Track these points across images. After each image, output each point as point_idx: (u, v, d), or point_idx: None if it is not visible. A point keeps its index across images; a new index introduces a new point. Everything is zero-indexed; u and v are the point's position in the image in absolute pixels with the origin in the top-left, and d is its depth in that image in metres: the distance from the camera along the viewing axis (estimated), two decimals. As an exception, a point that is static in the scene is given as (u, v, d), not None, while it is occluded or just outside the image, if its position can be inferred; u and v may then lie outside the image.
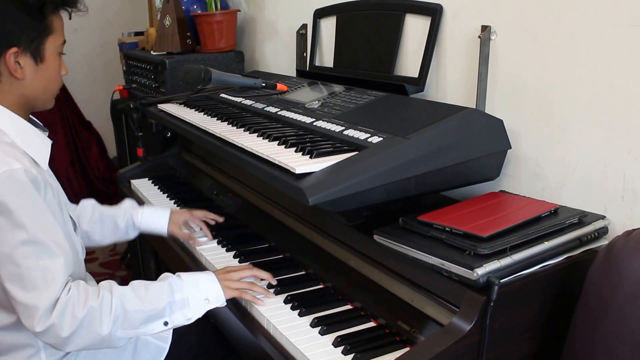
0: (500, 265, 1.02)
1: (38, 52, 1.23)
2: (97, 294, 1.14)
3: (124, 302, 1.15)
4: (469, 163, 1.27)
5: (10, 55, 1.20)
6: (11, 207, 1.10)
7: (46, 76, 1.27)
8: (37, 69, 1.24)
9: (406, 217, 1.20)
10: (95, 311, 1.12)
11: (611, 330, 1.00)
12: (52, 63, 1.27)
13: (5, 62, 1.20)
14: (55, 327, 1.09)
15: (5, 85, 1.23)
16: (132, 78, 2.75)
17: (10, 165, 1.12)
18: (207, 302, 1.24)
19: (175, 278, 1.24)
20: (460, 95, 1.52)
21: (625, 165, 1.17)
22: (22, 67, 1.22)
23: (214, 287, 1.26)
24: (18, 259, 1.10)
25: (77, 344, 1.13)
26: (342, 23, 1.84)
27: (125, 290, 1.18)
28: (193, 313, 1.23)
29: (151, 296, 1.19)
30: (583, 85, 1.23)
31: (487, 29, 1.40)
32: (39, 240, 1.11)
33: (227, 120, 1.61)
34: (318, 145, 1.27)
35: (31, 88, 1.25)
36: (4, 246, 1.11)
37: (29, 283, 1.10)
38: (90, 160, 3.63)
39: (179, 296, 1.21)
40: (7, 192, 1.10)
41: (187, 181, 2.20)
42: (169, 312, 1.20)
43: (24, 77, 1.23)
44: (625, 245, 1.01)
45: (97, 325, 1.12)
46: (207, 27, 2.45)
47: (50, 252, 1.12)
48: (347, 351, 1.09)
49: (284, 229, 1.58)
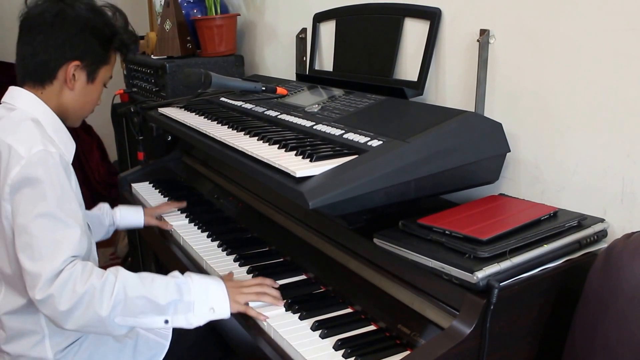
0: (500, 268, 1.02)
1: (92, 74, 1.39)
2: (102, 275, 1.16)
3: (126, 287, 1.16)
4: (468, 166, 1.27)
5: (72, 66, 1.35)
6: (41, 179, 1.18)
7: (88, 97, 1.41)
8: (85, 87, 1.39)
9: (406, 221, 1.20)
10: (96, 290, 1.13)
11: (611, 332, 1.00)
12: (97, 88, 1.42)
13: (65, 70, 1.34)
14: (54, 297, 1.11)
15: (55, 89, 1.36)
16: (133, 82, 2.76)
17: (48, 147, 1.22)
18: (212, 311, 1.24)
19: (185, 279, 1.25)
20: (459, 99, 1.52)
21: (624, 168, 1.18)
22: (76, 80, 1.36)
23: (222, 298, 1.25)
24: (33, 229, 1.15)
25: (75, 322, 1.13)
26: (341, 27, 1.85)
27: (131, 276, 1.19)
28: (196, 319, 1.23)
29: (156, 288, 1.19)
30: (582, 89, 1.24)
31: (486, 32, 1.40)
32: (57, 216, 1.17)
33: (227, 124, 1.61)
34: (318, 148, 1.28)
35: (73, 101, 1.39)
36: (23, 217, 1.17)
37: (37, 253, 1.14)
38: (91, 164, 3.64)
39: (186, 298, 1.21)
40: (40, 168, 1.19)
41: (188, 185, 2.20)
42: (173, 312, 1.20)
43: (73, 89, 1.37)
44: (625, 248, 1.01)
45: (97, 304, 1.13)
46: (207, 31, 2.46)
47: (66, 226, 1.18)
48: (347, 354, 1.09)
49: (284, 232, 1.58)
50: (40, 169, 1.19)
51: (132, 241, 2.93)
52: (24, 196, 1.18)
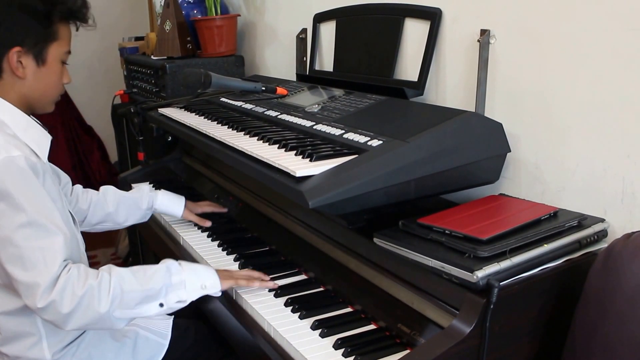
0: (500, 267, 1.02)
1: (40, 55, 1.28)
2: (97, 275, 1.19)
3: (121, 282, 1.20)
4: (468, 166, 1.27)
5: (13, 53, 1.25)
6: (11, 192, 1.15)
7: (46, 80, 1.31)
8: (38, 71, 1.29)
9: (406, 220, 1.20)
10: (94, 289, 1.16)
11: (611, 332, 1.00)
12: (53, 68, 1.31)
13: (8, 60, 1.26)
14: (55, 303, 1.13)
15: (7, 82, 1.28)
16: (133, 83, 2.76)
17: (10, 152, 1.17)
18: (204, 288, 1.29)
19: (174, 262, 1.29)
20: (460, 98, 1.52)
21: (624, 168, 1.18)
22: (24, 67, 1.27)
23: (212, 276, 1.31)
24: (18, 241, 1.14)
25: (77, 322, 1.16)
26: (341, 27, 1.85)
27: (124, 272, 1.23)
28: (188, 295, 1.27)
29: (148, 277, 1.23)
30: (582, 89, 1.24)
31: (487, 32, 1.40)
32: (38, 222, 1.16)
33: (227, 124, 1.62)
34: (318, 148, 1.28)
35: (31, 89, 1.30)
36: (4, 230, 1.15)
37: (29, 263, 1.14)
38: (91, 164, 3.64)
39: (176, 279, 1.25)
40: (7, 178, 1.15)
41: (188, 185, 2.20)
42: (164, 294, 1.24)
43: (24, 77, 1.28)
44: (625, 248, 1.01)
45: (96, 303, 1.16)
46: (207, 31, 2.46)
47: (49, 232, 1.16)
48: (347, 353, 1.10)
49: (284, 232, 1.58)
50: (7, 179, 1.15)
51: (133, 241, 2.93)
52: None
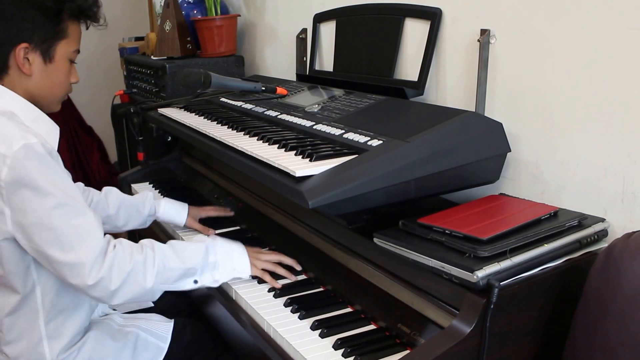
0: (500, 267, 1.02)
1: (48, 53, 1.28)
2: (141, 250, 1.26)
3: (164, 259, 1.26)
4: (468, 166, 1.27)
5: (21, 49, 1.25)
6: (35, 178, 1.16)
7: (53, 78, 1.31)
8: (45, 68, 1.29)
9: (406, 220, 1.20)
10: (140, 265, 1.23)
11: (611, 332, 1.00)
12: (60, 66, 1.32)
13: (15, 56, 1.26)
14: (104, 280, 1.18)
15: (14, 78, 1.28)
16: (133, 83, 2.76)
17: (27, 139, 1.17)
18: (234, 270, 1.37)
19: (211, 241, 1.37)
20: (460, 98, 1.52)
21: (624, 168, 1.18)
22: (31, 63, 1.27)
23: (244, 260, 1.38)
24: (53, 223, 1.16)
25: (124, 296, 1.22)
26: (341, 27, 1.85)
27: (165, 248, 1.30)
28: (220, 276, 1.35)
29: (189, 255, 1.30)
30: (582, 89, 1.24)
31: (487, 32, 1.40)
32: (67, 203, 1.18)
33: (227, 124, 1.61)
34: (318, 148, 1.28)
35: (37, 86, 1.30)
36: (34, 216, 1.16)
37: (67, 243, 1.16)
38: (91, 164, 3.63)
39: (212, 259, 1.33)
40: (29, 164, 1.16)
41: (188, 185, 2.20)
42: (200, 272, 1.32)
43: (30, 73, 1.28)
44: (625, 248, 1.01)
45: (141, 279, 1.22)
46: (207, 31, 2.46)
47: (80, 211, 1.19)
48: (347, 354, 1.09)
49: (284, 232, 1.58)
50: (29, 166, 1.15)
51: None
52: (25, 197, 1.15)
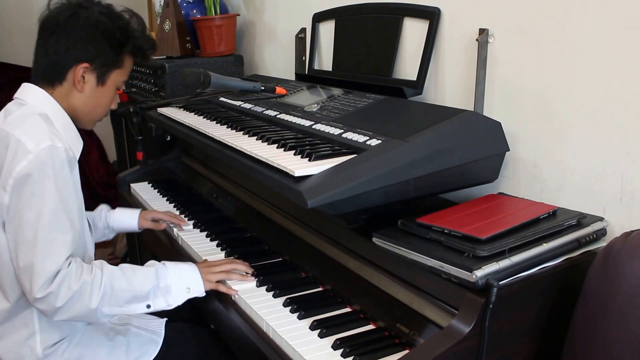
0: (499, 267, 1.02)
1: (102, 77, 1.40)
2: (91, 270, 1.25)
3: (112, 281, 1.27)
4: (467, 165, 1.27)
5: (81, 68, 1.36)
6: (46, 177, 1.21)
7: (99, 99, 1.42)
8: (95, 90, 1.40)
9: (405, 220, 1.20)
10: (87, 285, 1.23)
11: (610, 331, 1.00)
12: (108, 91, 1.43)
13: (74, 71, 1.36)
14: (52, 295, 1.20)
15: (65, 90, 1.38)
16: (132, 82, 2.76)
17: (55, 142, 1.25)
18: (188, 291, 1.36)
19: (161, 266, 1.36)
20: (459, 98, 1.52)
21: (623, 167, 1.18)
22: (85, 82, 1.38)
23: (195, 278, 1.37)
24: (37, 225, 1.20)
25: (66, 314, 1.23)
26: (340, 27, 1.85)
27: (115, 270, 1.30)
28: (174, 300, 1.35)
29: (138, 279, 1.31)
30: (581, 88, 1.24)
31: (485, 32, 1.40)
32: (59, 214, 1.22)
33: (226, 123, 1.61)
34: (317, 148, 1.27)
35: (82, 103, 1.40)
36: (29, 212, 1.21)
37: (39, 249, 1.19)
38: (90, 164, 3.64)
39: (163, 283, 1.33)
40: (48, 163, 1.22)
41: (187, 185, 2.20)
42: (153, 297, 1.32)
43: (82, 91, 1.39)
44: (624, 247, 1.01)
45: (87, 299, 1.23)
46: (206, 31, 2.46)
47: (64, 227, 1.23)
48: (346, 354, 1.09)
49: (283, 231, 1.58)
50: (47, 166, 1.22)
51: (131, 241, 2.93)
52: (28, 191, 1.21)
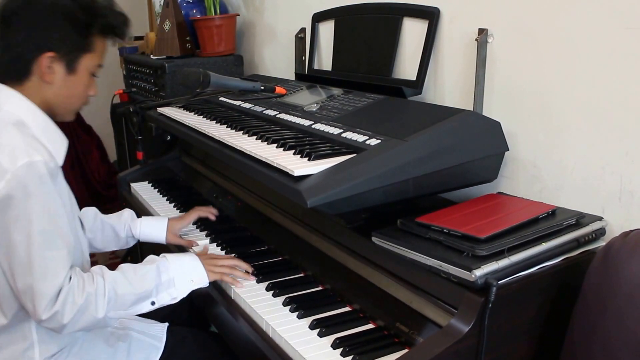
0: (498, 266, 1.02)
1: (71, 64, 1.29)
2: (92, 280, 1.22)
3: (115, 287, 1.24)
4: (466, 165, 1.27)
5: (45, 58, 1.25)
6: (29, 197, 1.15)
7: (72, 89, 1.31)
8: (66, 79, 1.29)
9: (404, 219, 1.20)
10: (92, 296, 1.20)
11: (610, 331, 1.00)
12: (81, 78, 1.32)
13: (39, 63, 1.25)
14: (58, 314, 1.16)
15: (34, 85, 1.27)
16: (132, 82, 2.76)
17: (32, 156, 1.16)
18: (192, 282, 1.34)
19: (162, 260, 1.33)
20: (458, 97, 1.52)
21: (622, 166, 1.18)
22: (53, 72, 1.27)
23: (198, 268, 1.35)
24: (29, 247, 1.15)
25: (75, 327, 1.20)
26: (340, 27, 1.85)
27: (116, 275, 1.27)
28: (178, 292, 1.32)
29: (140, 279, 1.28)
30: (580, 88, 1.24)
31: (484, 32, 1.41)
32: (50, 232, 1.17)
33: (226, 123, 1.61)
34: (316, 147, 1.28)
35: (55, 95, 1.30)
36: (17, 234, 1.15)
37: (36, 271, 1.15)
38: (90, 163, 3.63)
39: (165, 277, 1.30)
40: (29, 183, 1.15)
41: (187, 184, 2.20)
42: (156, 293, 1.29)
43: (52, 82, 1.28)
44: (623, 246, 1.01)
45: (94, 310, 1.20)
46: (206, 31, 2.46)
47: (57, 244, 1.18)
48: (346, 353, 1.10)
49: (282, 231, 1.58)
50: (28, 186, 1.14)
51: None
52: (12, 215, 1.14)
